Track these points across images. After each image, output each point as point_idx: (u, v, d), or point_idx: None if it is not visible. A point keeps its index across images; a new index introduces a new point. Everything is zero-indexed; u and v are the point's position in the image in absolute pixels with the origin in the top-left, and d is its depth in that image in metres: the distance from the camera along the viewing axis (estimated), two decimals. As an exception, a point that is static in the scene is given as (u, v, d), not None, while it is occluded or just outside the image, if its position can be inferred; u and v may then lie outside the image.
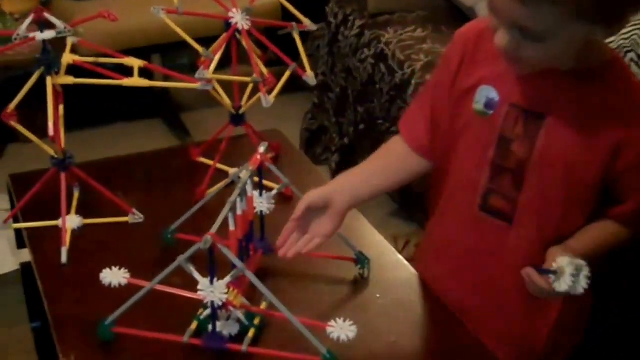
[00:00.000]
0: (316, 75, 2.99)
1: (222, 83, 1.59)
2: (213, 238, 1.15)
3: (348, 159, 2.88)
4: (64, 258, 1.43)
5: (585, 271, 1.14)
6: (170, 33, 1.61)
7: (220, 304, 1.19)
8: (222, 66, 1.58)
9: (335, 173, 2.93)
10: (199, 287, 1.18)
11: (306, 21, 1.65)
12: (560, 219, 1.22)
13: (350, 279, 1.42)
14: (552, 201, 1.20)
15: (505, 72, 1.18)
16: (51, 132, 1.36)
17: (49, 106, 1.38)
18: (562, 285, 1.13)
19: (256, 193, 1.38)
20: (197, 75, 1.44)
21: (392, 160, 1.37)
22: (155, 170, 1.75)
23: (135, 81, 1.42)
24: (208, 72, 1.44)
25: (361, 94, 2.76)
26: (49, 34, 1.38)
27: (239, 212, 1.29)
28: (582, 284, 1.14)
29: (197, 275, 1.18)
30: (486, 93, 1.20)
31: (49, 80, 1.39)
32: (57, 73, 1.42)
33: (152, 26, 1.48)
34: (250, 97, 1.68)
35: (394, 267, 1.46)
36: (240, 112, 1.67)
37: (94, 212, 1.56)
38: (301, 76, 1.61)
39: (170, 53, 3.28)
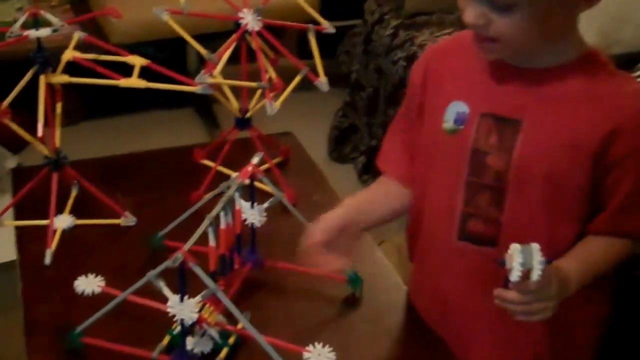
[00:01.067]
0: (350, 73, 2.97)
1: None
2: (184, 256, 1.10)
3: (374, 161, 2.81)
4: (47, 259, 1.40)
5: (537, 255, 1.01)
6: (206, 23, 1.56)
7: (191, 322, 1.14)
8: (233, 61, 1.55)
9: (360, 174, 2.87)
10: (168, 304, 1.13)
11: (324, 23, 1.58)
12: (549, 234, 1.11)
13: (342, 298, 1.36)
14: (537, 215, 1.11)
15: (474, 82, 1.11)
16: (40, 132, 1.32)
17: (40, 106, 1.35)
18: (514, 274, 1.01)
19: (247, 205, 1.33)
20: (197, 79, 1.40)
21: (388, 191, 1.31)
22: (157, 170, 1.71)
23: (132, 82, 1.39)
24: (208, 76, 1.40)
25: (392, 95, 2.68)
26: (43, 32, 1.34)
27: (222, 226, 1.25)
28: (536, 269, 1.00)
29: (166, 291, 1.13)
30: (456, 108, 1.12)
31: (41, 79, 1.36)
32: (54, 70, 1.39)
33: (187, 16, 1.44)
34: (260, 100, 1.63)
35: (388, 289, 1.39)
36: (247, 116, 1.62)
37: (89, 212, 1.53)
38: (313, 81, 1.56)
39: (208, 43, 3.24)
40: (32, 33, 1.33)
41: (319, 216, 1.24)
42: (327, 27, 1.56)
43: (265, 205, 1.34)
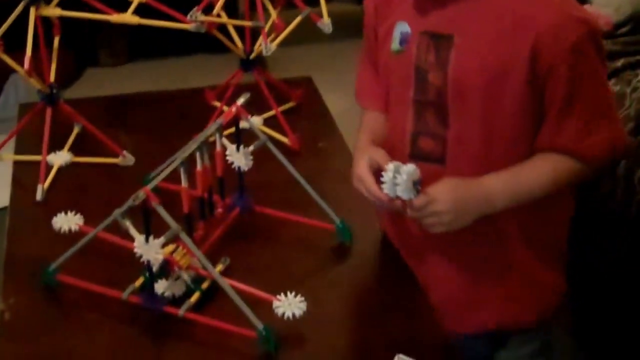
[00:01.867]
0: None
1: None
2: (146, 194, 1.08)
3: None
4: (38, 195, 1.39)
5: (403, 175, 1.07)
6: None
7: (157, 263, 1.12)
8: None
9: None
10: (134, 244, 1.11)
11: None
12: (492, 151, 1.12)
13: (329, 248, 1.32)
14: (477, 131, 1.11)
15: (415, 2, 1.12)
16: (26, 65, 1.31)
17: (28, 38, 1.33)
18: (383, 187, 1.09)
19: (233, 147, 1.29)
20: (189, 16, 1.36)
21: (382, 124, 1.27)
22: (166, 111, 1.69)
23: (124, 17, 1.36)
24: (201, 13, 1.36)
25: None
26: (30, -37, 1.32)
27: (198, 167, 1.22)
28: (400, 187, 1.07)
29: (133, 231, 1.11)
30: (400, 29, 1.14)
31: (31, 11, 1.34)
32: (48, 3, 1.37)
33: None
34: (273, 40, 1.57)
35: (376, 240, 1.34)
36: (251, 57, 1.57)
37: (90, 150, 1.52)
38: (315, 22, 1.51)
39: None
40: (19, -36, 1.32)
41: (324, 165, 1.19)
42: None
43: (251, 148, 1.29)
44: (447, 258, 1.21)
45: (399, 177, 1.07)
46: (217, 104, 1.66)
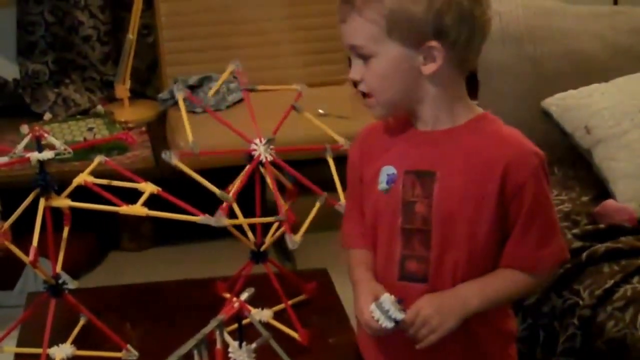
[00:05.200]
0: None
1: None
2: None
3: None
4: (35, 394, 1.35)
5: (384, 303, 1.23)
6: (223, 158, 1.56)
7: None
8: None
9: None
10: None
11: (340, 140, 1.56)
12: (472, 267, 1.29)
13: None
14: (461, 252, 1.28)
15: (397, 149, 1.32)
16: (31, 256, 1.29)
17: (36, 228, 1.32)
18: (385, 325, 1.23)
19: (236, 344, 1.25)
20: (215, 223, 1.37)
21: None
22: (175, 302, 1.66)
23: (133, 209, 1.36)
24: (225, 218, 1.37)
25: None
26: (46, 154, 1.34)
27: (196, 365, 1.16)
28: (392, 313, 1.23)
29: None
30: (386, 172, 1.32)
31: (41, 202, 1.34)
32: (58, 193, 1.38)
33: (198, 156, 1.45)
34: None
35: None
36: (262, 249, 1.56)
37: (95, 343, 1.48)
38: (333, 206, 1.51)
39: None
40: (34, 155, 1.33)
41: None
42: (344, 144, 1.57)
43: (253, 345, 1.24)
44: None
45: (384, 306, 1.23)
46: (228, 295, 1.62)
